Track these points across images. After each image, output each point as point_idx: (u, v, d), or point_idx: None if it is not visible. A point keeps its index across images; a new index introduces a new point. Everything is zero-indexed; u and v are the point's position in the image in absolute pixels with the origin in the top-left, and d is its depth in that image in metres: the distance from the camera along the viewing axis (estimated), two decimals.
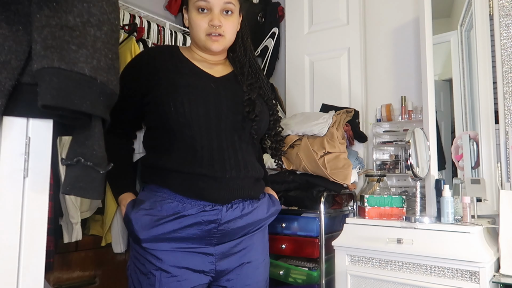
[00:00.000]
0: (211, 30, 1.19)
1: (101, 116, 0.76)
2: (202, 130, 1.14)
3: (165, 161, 1.17)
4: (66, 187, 0.75)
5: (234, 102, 1.20)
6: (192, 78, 1.19)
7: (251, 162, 1.23)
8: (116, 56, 0.78)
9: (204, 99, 1.16)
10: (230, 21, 1.21)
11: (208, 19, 1.19)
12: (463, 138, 1.84)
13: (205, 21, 1.19)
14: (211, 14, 1.19)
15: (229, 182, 1.15)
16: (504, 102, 1.72)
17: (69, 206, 1.49)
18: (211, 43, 1.21)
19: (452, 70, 1.97)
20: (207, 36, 1.20)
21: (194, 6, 1.20)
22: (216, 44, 1.21)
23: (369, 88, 2.25)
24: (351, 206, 2.07)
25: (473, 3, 1.86)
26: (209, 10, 1.19)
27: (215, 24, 1.18)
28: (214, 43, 1.21)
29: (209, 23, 1.19)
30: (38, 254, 0.78)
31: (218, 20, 1.18)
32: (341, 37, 2.29)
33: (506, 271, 1.47)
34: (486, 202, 1.72)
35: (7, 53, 0.70)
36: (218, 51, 1.24)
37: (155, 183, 1.18)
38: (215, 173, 1.13)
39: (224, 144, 1.17)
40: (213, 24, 1.18)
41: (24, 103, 0.74)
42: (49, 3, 0.69)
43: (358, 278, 1.65)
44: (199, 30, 1.20)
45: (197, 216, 1.12)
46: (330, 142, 1.79)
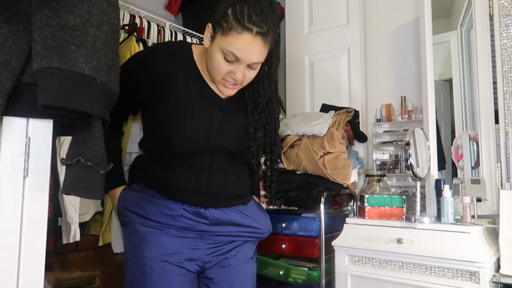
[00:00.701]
0: (229, 79, 1.13)
1: (101, 116, 0.76)
2: (199, 150, 1.17)
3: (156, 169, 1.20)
4: (66, 187, 0.75)
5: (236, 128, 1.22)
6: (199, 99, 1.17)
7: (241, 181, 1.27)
8: (116, 56, 0.78)
9: (207, 124, 1.16)
10: (253, 73, 1.14)
11: (231, 69, 1.10)
12: (463, 138, 1.84)
13: (227, 68, 1.10)
14: (235, 65, 1.10)
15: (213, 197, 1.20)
16: (504, 102, 1.72)
17: (67, 206, 1.49)
18: (224, 89, 1.16)
19: (452, 70, 1.97)
20: (223, 80, 1.14)
21: (220, 49, 1.08)
22: (229, 91, 1.16)
23: (369, 88, 2.25)
24: (351, 206, 2.07)
25: (473, 3, 1.86)
26: (236, 62, 1.09)
27: (237, 78, 1.12)
28: (227, 90, 1.16)
29: (231, 74, 1.11)
30: (38, 254, 0.78)
31: (241, 75, 1.11)
32: (341, 37, 2.29)
33: (506, 271, 1.47)
34: (486, 202, 1.72)
35: (7, 53, 0.70)
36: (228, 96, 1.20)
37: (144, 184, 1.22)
38: (201, 189, 1.17)
39: (216, 164, 1.19)
40: (235, 78, 1.12)
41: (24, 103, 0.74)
42: (49, 3, 0.69)
43: (358, 278, 1.65)
44: (217, 72, 1.12)
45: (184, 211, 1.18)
46: (330, 142, 1.79)
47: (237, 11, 1.04)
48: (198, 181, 1.17)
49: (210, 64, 1.13)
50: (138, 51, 1.31)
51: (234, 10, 1.05)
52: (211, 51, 1.11)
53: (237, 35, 1.04)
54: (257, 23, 1.04)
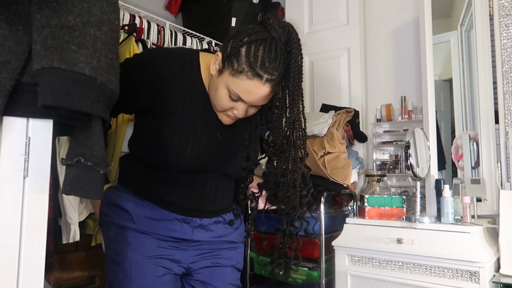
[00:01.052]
0: (230, 113, 1.09)
1: (101, 116, 0.76)
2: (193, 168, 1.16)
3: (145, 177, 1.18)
4: (66, 187, 0.75)
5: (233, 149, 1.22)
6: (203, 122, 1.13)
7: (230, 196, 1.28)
8: (116, 56, 0.78)
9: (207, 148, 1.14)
10: (255, 110, 1.11)
11: (234, 106, 1.06)
12: (463, 138, 1.84)
13: (230, 105, 1.07)
14: (239, 103, 1.06)
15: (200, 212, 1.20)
16: (504, 102, 1.72)
17: (67, 206, 1.49)
18: (224, 119, 1.12)
19: (452, 70, 1.97)
20: (224, 113, 1.10)
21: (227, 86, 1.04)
22: (228, 121, 1.13)
23: (369, 88, 2.25)
24: (351, 206, 2.07)
25: (473, 3, 1.86)
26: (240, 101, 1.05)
27: (239, 116, 1.09)
28: (227, 120, 1.12)
29: (233, 110, 1.08)
30: (38, 254, 0.78)
31: (243, 113, 1.08)
32: (341, 37, 2.29)
33: (506, 271, 1.47)
34: (486, 202, 1.72)
35: (7, 53, 0.70)
36: None
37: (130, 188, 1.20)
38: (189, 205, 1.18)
39: (208, 183, 1.19)
40: (237, 116, 1.09)
41: (24, 103, 0.74)
42: (49, 3, 0.69)
43: (358, 278, 1.65)
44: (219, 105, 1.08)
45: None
46: (330, 142, 1.79)
47: (251, 54, 0.98)
48: (188, 197, 1.17)
49: (213, 96, 1.09)
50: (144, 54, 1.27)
51: (248, 51, 0.99)
52: (216, 83, 1.06)
53: (247, 80, 1.00)
54: (269, 70, 1.00)
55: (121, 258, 1.12)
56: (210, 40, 2.31)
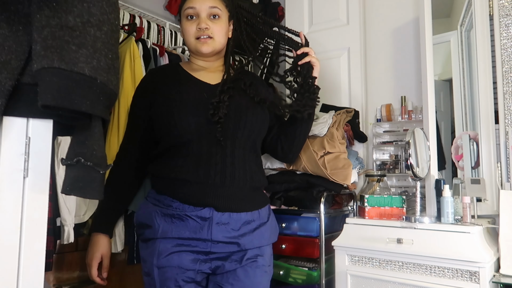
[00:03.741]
0: (199, 34, 1.27)
1: (101, 116, 0.76)
2: (194, 138, 1.20)
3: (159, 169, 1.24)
4: (66, 187, 0.75)
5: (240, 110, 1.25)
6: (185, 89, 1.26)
7: (242, 170, 1.23)
8: (116, 56, 0.78)
9: (194, 109, 1.21)
10: (218, 24, 1.29)
11: (196, 24, 1.27)
12: (463, 138, 1.84)
13: (194, 26, 1.27)
14: (198, 19, 1.27)
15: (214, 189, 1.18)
16: (504, 102, 1.72)
17: (62, 208, 1.48)
18: (201, 46, 1.27)
19: (452, 70, 1.97)
20: (197, 40, 1.27)
21: (183, 15, 1.29)
22: (205, 46, 1.27)
23: (369, 88, 2.25)
24: (351, 206, 2.07)
25: (473, 3, 1.86)
26: (197, 16, 1.27)
27: (202, 27, 1.26)
28: (203, 45, 1.27)
29: (197, 27, 1.26)
30: (38, 254, 0.78)
31: (205, 23, 1.26)
32: (341, 37, 2.29)
33: (506, 271, 1.47)
34: (486, 202, 1.72)
35: (7, 53, 0.70)
36: (208, 53, 1.30)
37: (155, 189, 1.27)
38: (198, 179, 1.17)
39: (213, 150, 1.20)
40: (201, 28, 1.26)
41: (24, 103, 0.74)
42: (49, 3, 0.69)
43: (358, 278, 1.65)
44: (189, 35, 1.28)
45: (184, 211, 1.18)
46: (330, 142, 1.79)
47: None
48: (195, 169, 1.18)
49: (184, 37, 1.31)
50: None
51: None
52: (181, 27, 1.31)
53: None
54: None
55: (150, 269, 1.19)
56: None
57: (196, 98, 1.23)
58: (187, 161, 1.19)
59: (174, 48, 2.12)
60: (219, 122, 1.19)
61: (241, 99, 1.27)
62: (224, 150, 1.21)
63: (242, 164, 1.23)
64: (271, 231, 1.31)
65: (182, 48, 2.17)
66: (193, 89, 1.26)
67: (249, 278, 1.21)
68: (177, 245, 1.17)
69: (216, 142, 1.20)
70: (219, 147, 1.20)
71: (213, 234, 1.16)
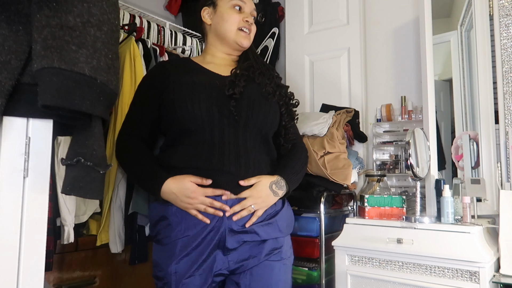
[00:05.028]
0: (244, 25, 1.31)
1: (101, 116, 0.76)
2: (205, 125, 1.18)
3: (169, 157, 1.22)
4: (66, 187, 0.75)
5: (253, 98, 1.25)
6: (197, 77, 1.25)
7: (256, 160, 1.21)
8: (116, 56, 0.79)
9: (207, 95, 1.20)
10: (253, 26, 1.35)
11: (242, 16, 1.31)
12: (463, 138, 1.84)
13: (240, 17, 1.30)
14: (244, 13, 1.32)
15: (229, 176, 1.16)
16: (504, 102, 1.72)
17: (61, 208, 1.48)
18: (243, 38, 1.31)
19: (452, 70, 1.97)
20: (239, 31, 1.30)
21: (229, 4, 1.31)
22: (247, 40, 1.32)
23: (369, 88, 2.25)
24: (351, 206, 2.07)
25: (473, 3, 1.86)
26: (242, 10, 1.32)
27: (249, 21, 1.32)
28: (245, 39, 1.32)
29: (243, 19, 1.31)
30: (38, 254, 0.78)
31: (251, 19, 1.33)
32: (341, 37, 2.29)
33: (506, 271, 1.47)
34: (486, 202, 1.72)
35: (7, 53, 0.70)
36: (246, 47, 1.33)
37: None
38: (212, 167, 1.16)
39: (226, 139, 1.18)
40: (248, 21, 1.31)
41: (24, 103, 0.74)
42: (49, 3, 0.69)
43: (358, 278, 1.65)
44: (232, 23, 1.30)
45: None
46: (330, 142, 1.79)
47: None
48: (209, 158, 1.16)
49: (223, 23, 1.30)
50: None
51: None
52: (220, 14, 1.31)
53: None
54: None
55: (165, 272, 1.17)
56: None
57: (208, 85, 1.23)
58: (199, 149, 1.17)
59: (174, 48, 2.12)
60: (233, 98, 1.19)
61: (253, 91, 1.26)
62: (237, 140, 1.19)
63: (255, 154, 1.22)
64: (287, 221, 1.28)
65: (182, 48, 2.17)
66: (205, 77, 1.26)
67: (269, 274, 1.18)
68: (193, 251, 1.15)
69: (229, 132, 1.19)
70: (231, 136, 1.19)
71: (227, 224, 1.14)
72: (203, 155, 1.17)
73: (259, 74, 1.31)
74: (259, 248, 1.19)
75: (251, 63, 1.34)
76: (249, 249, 1.18)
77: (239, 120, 1.20)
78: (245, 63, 1.33)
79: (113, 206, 1.59)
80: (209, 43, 1.36)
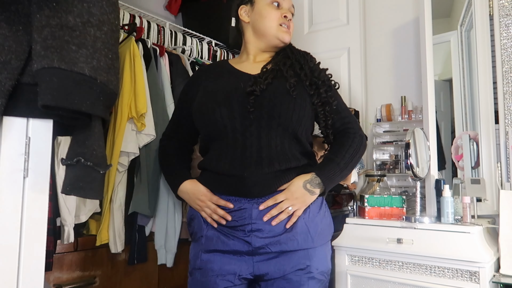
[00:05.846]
0: (283, 21, 1.30)
1: (101, 116, 0.76)
2: (228, 129, 1.18)
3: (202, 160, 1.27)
4: (66, 187, 0.75)
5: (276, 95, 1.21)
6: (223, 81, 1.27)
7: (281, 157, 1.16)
8: (116, 56, 0.78)
9: (229, 99, 1.20)
10: (292, 22, 1.34)
11: (281, 13, 1.30)
12: (463, 138, 1.84)
13: (279, 13, 1.30)
14: (282, 9, 1.31)
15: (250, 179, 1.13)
16: (504, 102, 1.72)
17: (62, 208, 1.48)
18: (284, 34, 1.30)
19: (452, 70, 1.97)
20: (280, 27, 1.29)
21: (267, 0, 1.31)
22: (288, 35, 1.31)
23: (369, 88, 2.25)
24: (351, 206, 2.07)
25: (473, 3, 1.86)
26: (281, 6, 1.31)
27: (289, 17, 1.31)
28: (286, 34, 1.30)
29: (282, 15, 1.30)
30: (38, 254, 0.78)
31: (290, 15, 1.32)
32: (341, 37, 2.29)
33: (506, 271, 1.47)
34: (486, 202, 1.72)
35: (7, 53, 0.70)
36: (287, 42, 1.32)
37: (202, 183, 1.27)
38: (234, 171, 1.15)
39: (248, 142, 1.16)
40: (287, 16, 1.31)
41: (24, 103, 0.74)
42: (49, 3, 0.69)
43: (358, 278, 1.65)
44: (272, 20, 1.29)
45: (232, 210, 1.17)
46: None
47: None
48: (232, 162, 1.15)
49: (262, 19, 1.30)
50: None
51: None
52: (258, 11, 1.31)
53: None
54: None
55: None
56: (210, 40, 2.31)
57: (232, 88, 1.22)
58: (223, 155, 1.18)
59: (174, 48, 2.12)
60: (254, 95, 1.17)
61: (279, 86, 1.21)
62: (259, 142, 1.15)
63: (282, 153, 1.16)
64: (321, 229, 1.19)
65: (182, 48, 2.17)
66: (231, 80, 1.26)
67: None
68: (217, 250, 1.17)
69: (251, 134, 1.15)
70: (254, 138, 1.15)
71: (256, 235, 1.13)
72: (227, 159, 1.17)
73: (289, 66, 1.26)
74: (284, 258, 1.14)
75: (287, 54, 1.32)
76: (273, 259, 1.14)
77: (260, 120, 1.16)
78: (280, 56, 1.32)
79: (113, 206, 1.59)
80: (247, 42, 1.36)
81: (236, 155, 1.16)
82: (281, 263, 1.13)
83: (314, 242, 1.16)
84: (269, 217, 1.12)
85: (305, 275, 1.13)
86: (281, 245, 1.12)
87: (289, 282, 1.13)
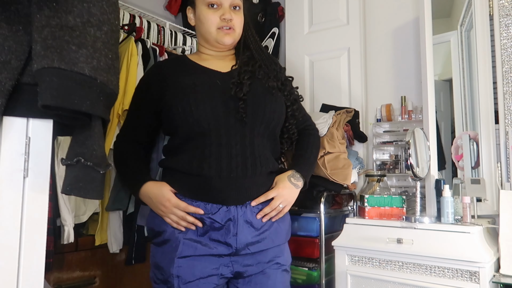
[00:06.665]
0: (222, 24, 1.23)
1: (101, 116, 0.76)
2: (211, 126, 1.15)
3: (176, 162, 1.18)
4: (66, 187, 0.75)
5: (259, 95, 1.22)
6: (198, 77, 1.22)
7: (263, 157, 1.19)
8: (116, 56, 0.78)
9: (210, 96, 1.17)
10: (239, 16, 1.26)
11: (219, 14, 1.23)
12: (463, 138, 1.84)
13: (216, 16, 1.23)
14: (221, 9, 1.23)
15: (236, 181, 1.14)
16: (504, 102, 1.72)
17: (62, 208, 1.48)
18: (223, 37, 1.24)
19: (452, 70, 1.97)
20: (218, 30, 1.24)
21: (203, 2, 1.24)
22: (227, 37, 1.24)
23: (369, 88, 2.25)
24: (351, 206, 2.07)
25: (473, 3, 1.86)
26: (219, 6, 1.23)
27: (227, 18, 1.22)
28: (225, 36, 1.24)
29: (221, 17, 1.23)
30: (38, 254, 0.78)
31: (229, 14, 1.23)
32: (341, 37, 2.29)
33: (506, 271, 1.47)
34: (486, 202, 1.72)
35: (7, 53, 0.70)
36: (230, 44, 1.27)
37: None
38: (221, 173, 1.12)
39: (233, 141, 1.15)
40: (225, 18, 1.22)
41: (24, 103, 0.74)
42: (49, 3, 0.69)
43: (358, 278, 1.65)
44: (210, 25, 1.23)
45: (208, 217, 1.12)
46: (330, 142, 1.79)
47: None
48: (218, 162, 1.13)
49: (202, 25, 1.25)
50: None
51: None
52: (198, 15, 1.25)
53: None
54: None
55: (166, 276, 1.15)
56: None
57: (210, 85, 1.19)
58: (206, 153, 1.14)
59: (174, 48, 2.12)
60: (242, 99, 1.16)
61: (257, 87, 1.22)
62: (244, 140, 1.16)
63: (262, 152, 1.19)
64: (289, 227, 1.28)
65: (182, 48, 2.17)
66: (205, 77, 1.22)
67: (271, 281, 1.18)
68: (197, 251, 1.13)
69: (235, 132, 1.15)
70: (238, 136, 1.15)
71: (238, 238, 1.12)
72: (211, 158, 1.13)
73: (259, 67, 1.27)
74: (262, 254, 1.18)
75: (251, 54, 1.29)
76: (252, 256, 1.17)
77: (246, 119, 1.17)
78: (245, 55, 1.28)
79: None
80: (199, 42, 1.33)
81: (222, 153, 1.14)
82: (258, 260, 1.18)
83: (284, 238, 1.25)
84: (262, 214, 1.17)
85: (279, 268, 1.21)
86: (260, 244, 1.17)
87: (266, 276, 1.18)
